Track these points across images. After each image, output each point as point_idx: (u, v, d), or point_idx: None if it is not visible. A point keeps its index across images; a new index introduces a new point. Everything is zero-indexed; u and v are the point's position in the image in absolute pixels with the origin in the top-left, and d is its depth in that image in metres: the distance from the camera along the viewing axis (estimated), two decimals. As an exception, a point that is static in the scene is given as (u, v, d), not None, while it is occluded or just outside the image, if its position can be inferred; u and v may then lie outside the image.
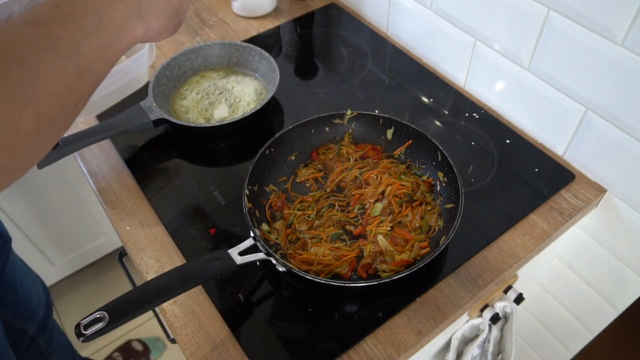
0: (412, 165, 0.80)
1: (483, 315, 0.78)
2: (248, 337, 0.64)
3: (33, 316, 1.08)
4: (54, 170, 1.30)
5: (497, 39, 0.84)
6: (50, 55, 0.36)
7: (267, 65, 0.95)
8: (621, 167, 0.75)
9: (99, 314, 0.54)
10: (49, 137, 0.38)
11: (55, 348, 1.18)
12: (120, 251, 0.88)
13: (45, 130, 0.37)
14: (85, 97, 0.41)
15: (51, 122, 0.37)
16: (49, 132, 0.37)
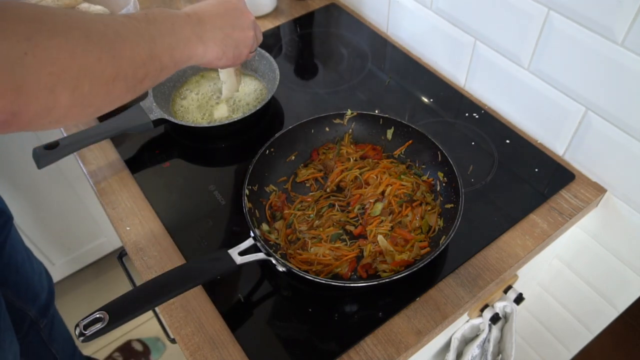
0: (412, 165, 0.80)
1: (483, 315, 0.78)
2: (248, 337, 0.64)
3: (35, 299, 1.08)
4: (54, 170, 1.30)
5: (497, 39, 0.84)
6: (135, 36, 0.50)
7: (267, 65, 0.95)
8: (621, 167, 0.75)
9: (99, 314, 0.54)
10: (119, 92, 0.48)
11: (56, 337, 1.18)
12: (120, 251, 0.88)
13: (119, 83, 0.47)
14: (151, 77, 0.53)
15: (125, 79, 0.48)
16: (120, 87, 0.48)
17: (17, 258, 1.05)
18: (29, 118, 0.41)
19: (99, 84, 0.45)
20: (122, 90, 0.49)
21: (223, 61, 0.67)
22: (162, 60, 0.54)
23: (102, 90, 0.46)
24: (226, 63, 0.68)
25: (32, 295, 1.08)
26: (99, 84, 0.45)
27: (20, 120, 0.40)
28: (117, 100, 0.50)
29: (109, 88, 0.47)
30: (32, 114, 0.40)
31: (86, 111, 0.46)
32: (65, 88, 0.42)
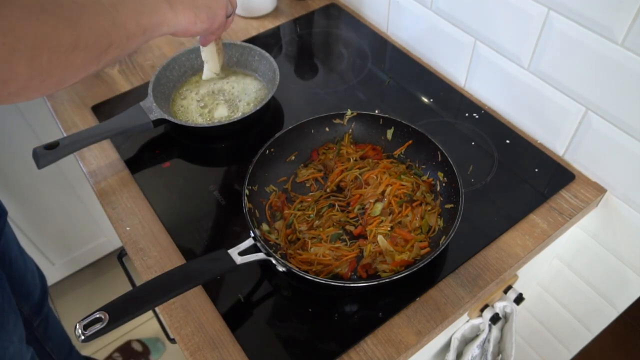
0: (412, 165, 0.80)
1: (483, 315, 0.78)
2: (248, 337, 0.64)
3: (28, 296, 1.08)
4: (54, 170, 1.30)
5: (497, 39, 0.84)
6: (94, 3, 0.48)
7: (267, 65, 0.95)
8: (621, 167, 0.75)
9: (99, 314, 0.54)
10: (81, 61, 0.48)
11: (51, 335, 1.18)
12: (120, 251, 0.88)
13: (80, 53, 0.47)
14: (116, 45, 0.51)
15: (85, 48, 0.47)
16: (82, 57, 0.47)
17: (11, 254, 1.05)
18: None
19: (58, 54, 0.44)
20: (85, 60, 0.48)
21: (198, 25, 0.64)
22: (127, 27, 0.52)
23: (62, 60, 0.45)
24: (202, 27, 0.65)
25: (25, 292, 1.08)
26: (58, 54, 0.44)
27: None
28: (81, 70, 0.49)
29: (69, 58, 0.46)
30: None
31: (48, 82, 0.45)
32: (22, 58, 0.41)
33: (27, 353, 0.98)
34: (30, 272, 1.12)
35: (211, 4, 0.65)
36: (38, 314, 1.13)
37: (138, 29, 0.54)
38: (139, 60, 1.05)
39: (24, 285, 1.08)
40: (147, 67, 1.03)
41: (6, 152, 1.32)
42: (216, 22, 0.68)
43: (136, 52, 1.06)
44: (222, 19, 0.69)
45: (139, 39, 0.55)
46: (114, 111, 0.89)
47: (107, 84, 1.00)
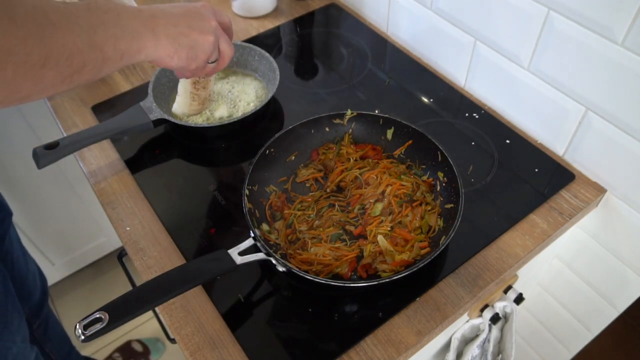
0: (412, 165, 0.80)
1: (483, 315, 0.78)
2: (248, 337, 0.64)
3: (28, 297, 1.08)
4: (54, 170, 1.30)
5: (497, 39, 0.84)
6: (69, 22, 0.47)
7: (267, 65, 0.95)
8: (621, 167, 0.75)
9: (99, 314, 0.54)
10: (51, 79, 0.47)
11: (50, 336, 1.18)
12: (120, 251, 0.88)
13: (50, 71, 0.46)
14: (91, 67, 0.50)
15: (57, 66, 0.46)
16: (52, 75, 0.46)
17: (14, 255, 1.06)
18: None
19: (25, 69, 0.43)
20: (55, 78, 0.47)
21: (175, 60, 0.61)
22: (103, 50, 0.51)
23: (29, 76, 0.44)
24: (178, 64, 0.62)
25: (26, 293, 1.08)
26: (25, 69, 0.43)
27: None
28: (50, 88, 0.48)
29: (37, 74, 0.45)
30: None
31: (14, 96, 0.45)
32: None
33: (31, 353, 0.99)
34: (31, 273, 1.12)
35: (195, 46, 0.63)
36: (38, 316, 1.13)
37: (115, 53, 0.53)
38: (139, 60, 1.05)
39: (24, 286, 1.08)
40: (147, 67, 1.03)
41: (6, 152, 1.32)
42: (194, 64, 0.64)
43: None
44: (201, 63, 0.65)
45: (116, 63, 0.54)
46: (114, 111, 0.89)
47: (107, 84, 1.00)
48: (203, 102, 0.84)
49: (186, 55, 0.62)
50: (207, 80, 0.81)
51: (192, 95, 0.83)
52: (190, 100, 0.84)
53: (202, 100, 0.84)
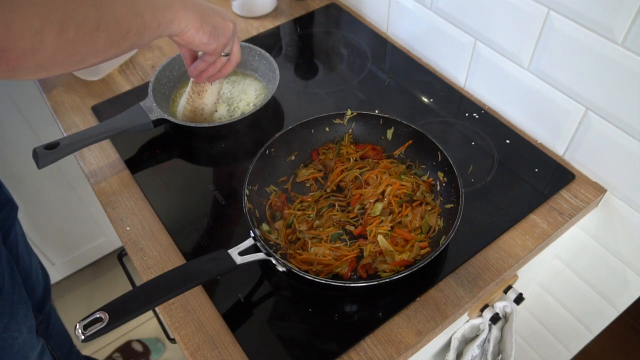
0: (412, 165, 0.80)
1: (483, 315, 0.78)
2: (248, 337, 0.64)
3: (31, 293, 1.09)
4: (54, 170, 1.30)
5: (497, 39, 0.84)
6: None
7: (267, 65, 0.95)
8: (621, 167, 0.75)
9: (99, 314, 0.54)
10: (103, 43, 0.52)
11: (52, 333, 1.19)
12: (120, 251, 0.88)
13: (102, 34, 0.51)
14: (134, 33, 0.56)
15: (107, 30, 0.51)
16: (103, 38, 0.51)
17: (19, 249, 1.07)
18: (16, 56, 0.43)
19: (83, 31, 0.48)
20: (106, 42, 0.52)
21: (200, 35, 0.67)
22: (144, 17, 0.56)
23: (86, 38, 0.49)
24: (202, 39, 0.68)
25: (29, 288, 1.09)
26: (83, 31, 0.48)
27: (8, 57, 0.43)
28: (102, 52, 0.52)
29: (92, 37, 0.49)
30: (19, 52, 0.43)
31: (71, 59, 0.49)
32: (51, 31, 0.45)
33: (37, 344, 0.99)
34: (35, 269, 1.13)
35: (217, 26, 0.69)
36: (40, 312, 1.13)
37: (153, 20, 0.58)
38: (139, 60, 1.05)
39: (28, 281, 1.09)
40: (147, 67, 1.03)
41: (6, 152, 1.33)
42: (214, 43, 0.70)
43: (136, 52, 1.06)
44: (220, 45, 0.71)
45: (153, 31, 0.59)
46: (114, 111, 0.89)
47: (107, 84, 1.00)
48: (195, 110, 0.86)
49: (210, 32, 0.68)
50: (203, 87, 0.84)
51: (187, 98, 0.85)
52: (185, 103, 0.86)
53: (194, 108, 0.86)
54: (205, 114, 0.87)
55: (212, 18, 0.69)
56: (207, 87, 0.84)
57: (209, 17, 0.68)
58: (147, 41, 0.60)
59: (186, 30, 0.66)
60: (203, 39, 0.68)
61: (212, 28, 0.69)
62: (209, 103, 0.86)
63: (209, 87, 0.85)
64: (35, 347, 0.97)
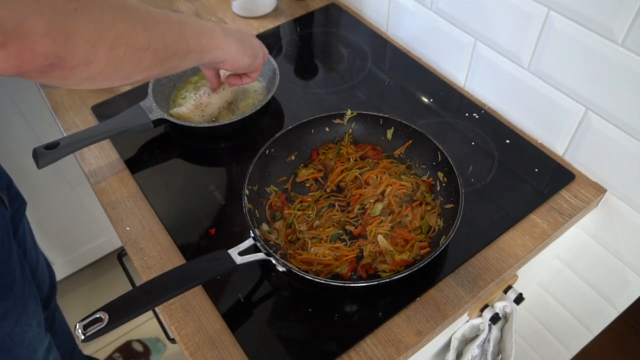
0: (412, 165, 0.80)
1: (483, 315, 0.78)
2: (248, 337, 0.64)
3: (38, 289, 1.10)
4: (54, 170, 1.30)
5: (497, 39, 0.84)
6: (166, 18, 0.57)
7: (267, 65, 0.95)
8: (621, 167, 0.75)
9: (99, 314, 0.54)
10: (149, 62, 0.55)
11: (56, 331, 1.20)
12: (120, 251, 0.88)
13: (150, 54, 0.55)
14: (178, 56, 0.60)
15: (155, 51, 0.55)
16: (150, 58, 0.55)
17: (26, 245, 1.07)
18: (72, 65, 0.47)
19: (133, 50, 0.52)
20: (152, 62, 0.56)
21: (245, 59, 0.74)
22: (189, 42, 0.61)
23: (134, 56, 0.53)
24: (247, 62, 0.75)
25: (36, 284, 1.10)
26: (133, 50, 0.52)
27: (64, 66, 0.46)
28: (146, 70, 0.56)
29: (140, 55, 0.53)
30: (74, 62, 0.47)
31: (119, 73, 0.53)
32: (104, 46, 0.49)
33: (45, 339, 1.00)
34: (41, 265, 1.14)
35: (253, 45, 0.76)
36: (46, 309, 1.14)
37: (197, 46, 0.63)
38: (139, 60, 1.05)
39: (35, 277, 1.09)
40: (147, 67, 1.03)
41: (6, 152, 1.32)
42: (256, 62, 0.78)
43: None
44: (261, 61, 0.79)
45: (196, 56, 0.64)
46: (114, 111, 0.89)
47: (107, 84, 1.00)
48: (198, 105, 0.87)
49: (251, 54, 0.75)
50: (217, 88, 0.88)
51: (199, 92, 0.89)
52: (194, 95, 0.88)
53: (198, 103, 0.87)
54: (206, 113, 0.87)
55: (249, 40, 0.75)
56: (219, 90, 0.88)
57: (245, 40, 0.74)
58: (188, 65, 0.64)
59: (232, 57, 0.72)
60: (248, 61, 0.75)
61: (251, 49, 0.75)
62: (214, 103, 0.88)
63: (221, 91, 0.88)
64: (43, 342, 0.99)
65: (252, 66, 0.77)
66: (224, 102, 0.89)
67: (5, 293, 0.84)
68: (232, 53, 0.71)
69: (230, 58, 0.71)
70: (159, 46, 0.56)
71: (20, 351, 0.89)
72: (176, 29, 0.59)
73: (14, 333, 0.87)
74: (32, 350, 0.93)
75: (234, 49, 0.71)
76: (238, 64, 0.74)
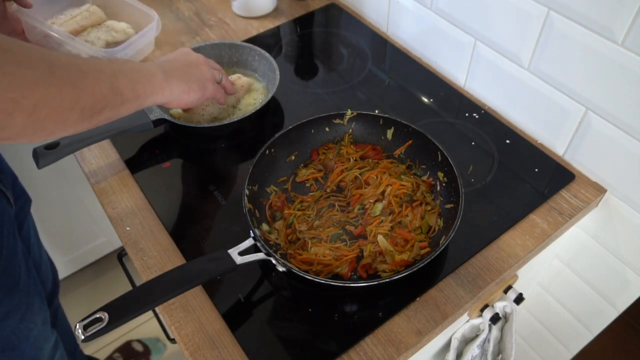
0: (412, 165, 0.80)
1: (483, 315, 0.78)
2: (248, 337, 0.64)
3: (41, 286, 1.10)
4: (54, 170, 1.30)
5: (497, 39, 0.84)
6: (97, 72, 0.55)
7: (267, 65, 0.95)
8: (621, 167, 0.75)
9: (99, 314, 0.54)
10: (75, 120, 0.52)
11: (59, 330, 1.19)
12: (120, 251, 0.88)
13: (75, 113, 0.52)
14: (110, 108, 0.57)
15: (82, 110, 0.52)
16: (76, 116, 0.52)
17: (30, 242, 1.08)
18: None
19: (56, 112, 0.49)
20: (79, 119, 0.53)
21: (192, 95, 0.73)
22: (123, 93, 0.58)
23: (58, 117, 0.50)
24: (195, 97, 0.74)
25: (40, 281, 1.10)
26: (56, 112, 0.49)
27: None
28: (73, 127, 0.53)
29: (65, 115, 0.51)
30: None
31: (39, 134, 0.50)
32: (22, 112, 0.46)
33: (51, 336, 1.00)
34: (44, 262, 1.14)
35: (199, 77, 0.75)
36: (49, 306, 1.14)
37: (133, 95, 0.60)
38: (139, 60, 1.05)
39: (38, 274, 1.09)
40: (147, 67, 1.03)
41: (6, 151, 1.32)
42: (207, 91, 0.76)
43: (136, 52, 1.06)
44: (212, 89, 0.78)
45: (133, 105, 0.61)
46: (114, 111, 0.89)
47: (107, 84, 1.00)
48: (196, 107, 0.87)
49: (198, 87, 0.74)
50: None
51: None
52: None
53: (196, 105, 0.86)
54: (206, 112, 0.87)
55: (192, 73, 0.73)
56: None
57: (190, 74, 0.73)
58: (126, 113, 0.61)
59: (176, 98, 0.70)
60: (195, 96, 0.74)
61: (198, 82, 0.74)
62: (215, 103, 0.88)
63: None
64: (49, 340, 0.99)
65: (202, 99, 0.76)
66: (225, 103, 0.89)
67: (10, 291, 0.84)
68: (175, 94, 0.70)
69: (174, 99, 0.71)
70: (87, 104, 0.53)
71: (25, 348, 0.89)
72: (108, 82, 0.56)
73: (19, 330, 0.87)
74: (37, 348, 0.93)
75: (177, 90, 0.70)
76: (184, 102, 0.73)
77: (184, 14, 1.17)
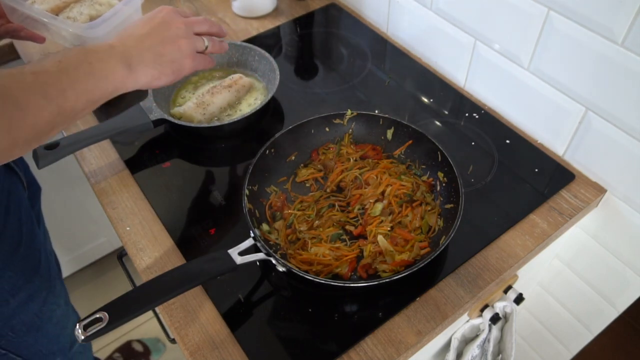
0: (412, 165, 0.80)
1: (483, 315, 0.78)
2: (248, 337, 0.64)
3: None
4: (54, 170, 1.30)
5: (497, 39, 0.84)
6: (40, 97, 0.49)
7: (267, 65, 0.95)
8: (621, 167, 0.75)
9: (99, 314, 0.54)
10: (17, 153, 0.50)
11: None
12: (120, 251, 0.88)
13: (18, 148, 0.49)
14: (61, 126, 0.53)
15: (25, 144, 0.49)
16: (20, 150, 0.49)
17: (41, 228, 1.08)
18: None
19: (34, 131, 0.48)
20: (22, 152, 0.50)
21: (163, 79, 0.64)
22: (75, 108, 0.54)
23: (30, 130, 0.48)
24: (167, 80, 0.65)
25: None
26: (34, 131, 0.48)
27: None
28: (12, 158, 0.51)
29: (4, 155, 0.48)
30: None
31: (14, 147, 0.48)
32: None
33: (73, 315, 1.02)
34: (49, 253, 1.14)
35: (175, 57, 0.65)
36: None
37: (87, 103, 0.55)
38: (139, 60, 1.05)
39: None
40: (147, 67, 1.03)
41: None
42: (184, 71, 0.67)
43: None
44: (190, 66, 0.67)
45: (88, 109, 0.57)
46: (114, 111, 0.89)
47: (107, 84, 1.00)
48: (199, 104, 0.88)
49: (171, 70, 0.65)
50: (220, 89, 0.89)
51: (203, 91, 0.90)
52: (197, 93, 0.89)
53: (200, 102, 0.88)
54: (207, 112, 0.87)
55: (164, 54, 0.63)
56: (224, 91, 0.89)
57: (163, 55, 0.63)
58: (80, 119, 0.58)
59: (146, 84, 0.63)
60: (168, 79, 0.65)
61: (171, 64, 0.64)
62: (216, 103, 0.88)
63: (223, 91, 0.89)
64: (71, 318, 1.00)
65: (179, 77, 0.67)
66: (225, 101, 0.89)
67: (31, 276, 0.84)
68: (141, 83, 0.62)
69: (142, 87, 0.63)
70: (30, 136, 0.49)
71: (49, 328, 0.90)
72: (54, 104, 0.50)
73: (42, 313, 0.88)
74: (61, 327, 0.95)
75: (144, 79, 0.62)
76: (157, 85, 0.65)
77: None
